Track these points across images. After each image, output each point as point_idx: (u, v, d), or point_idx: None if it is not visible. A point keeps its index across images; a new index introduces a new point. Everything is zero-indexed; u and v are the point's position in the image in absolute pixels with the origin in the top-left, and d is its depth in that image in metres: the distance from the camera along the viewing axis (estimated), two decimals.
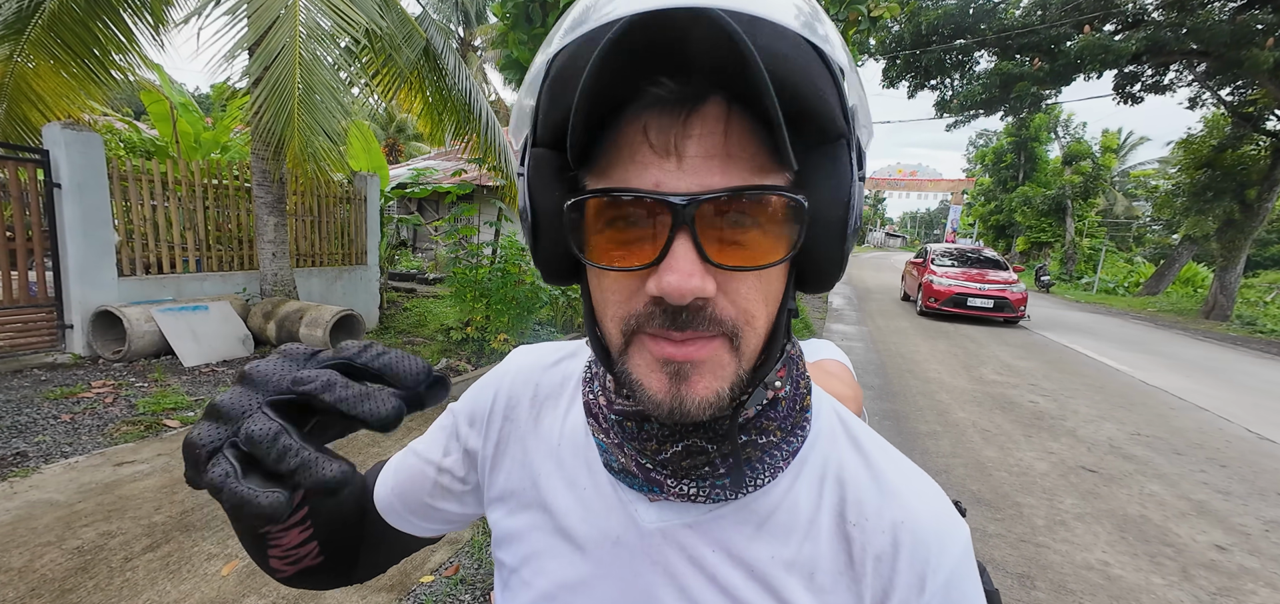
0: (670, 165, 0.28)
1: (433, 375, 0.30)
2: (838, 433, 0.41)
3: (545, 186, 0.32)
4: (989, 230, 31.06)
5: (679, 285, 0.28)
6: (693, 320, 0.30)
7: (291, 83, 3.96)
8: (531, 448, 0.45)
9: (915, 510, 0.37)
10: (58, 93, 4.55)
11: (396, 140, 21.24)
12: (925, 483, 0.39)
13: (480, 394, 0.48)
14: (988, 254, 11.61)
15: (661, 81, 0.27)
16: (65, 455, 2.60)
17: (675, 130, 0.28)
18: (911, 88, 14.58)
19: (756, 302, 0.31)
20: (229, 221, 5.21)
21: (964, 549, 0.37)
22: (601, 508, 0.41)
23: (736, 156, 0.28)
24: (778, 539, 0.38)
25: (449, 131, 5.90)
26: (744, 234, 0.29)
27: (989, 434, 4.11)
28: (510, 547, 0.44)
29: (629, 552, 0.39)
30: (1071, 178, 23.09)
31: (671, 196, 0.28)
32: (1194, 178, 12.92)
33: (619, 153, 0.29)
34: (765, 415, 0.37)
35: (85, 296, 4.14)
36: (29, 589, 1.69)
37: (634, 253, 0.30)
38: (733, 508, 0.38)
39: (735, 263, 0.29)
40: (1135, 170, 27.70)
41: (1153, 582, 2.38)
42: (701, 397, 0.31)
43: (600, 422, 0.39)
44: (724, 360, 0.31)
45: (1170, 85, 12.65)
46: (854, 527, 0.37)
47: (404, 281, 9.36)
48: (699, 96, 0.28)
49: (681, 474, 0.36)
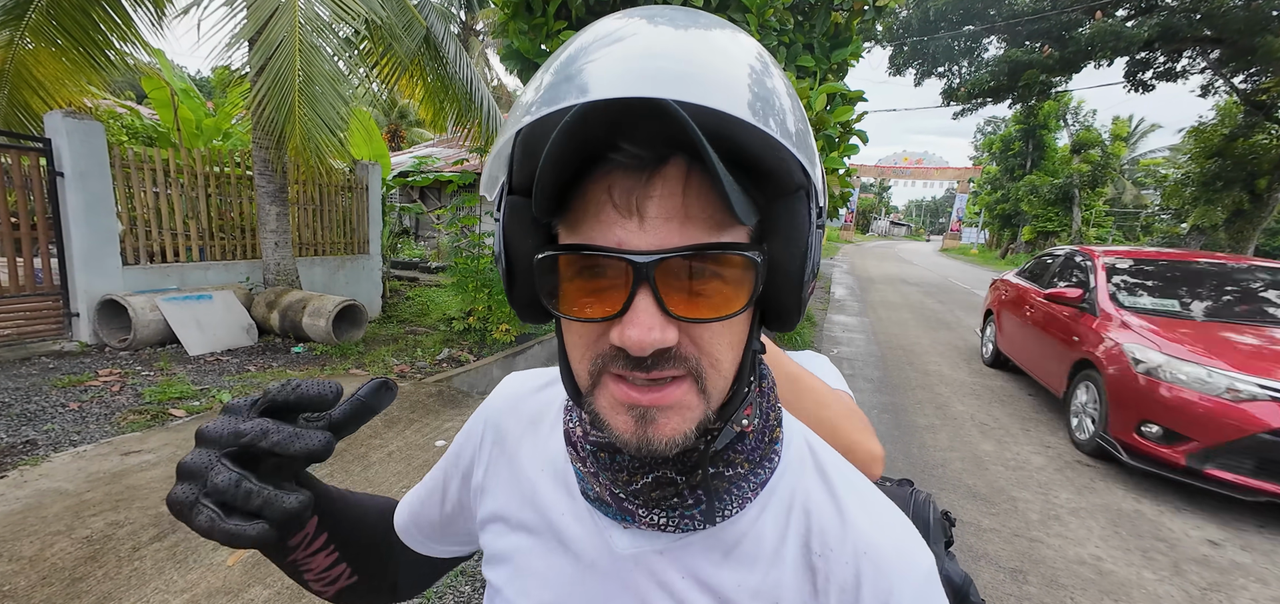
0: (632, 225, 0.30)
1: (377, 383, 0.37)
2: (806, 463, 0.43)
3: (520, 233, 0.34)
4: (994, 219, 30.80)
5: (639, 339, 0.29)
6: (657, 364, 0.31)
7: (292, 75, 3.95)
8: (517, 472, 0.47)
9: (877, 541, 0.38)
10: (58, 79, 4.55)
11: (399, 126, 21.14)
12: (889, 513, 0.41)
13: (474, 424, 0.52)
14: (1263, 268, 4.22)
15: (623, 147, 0.29)
16: (73, 444, 2.65)
17: (637, 191, 0.30)
18: (918, 75, 14.38)
19: (720, 344, 0.33)
20: (232, 210, 5.22)
21: (926, 577, 0.38)
22: (580, 532, 0.43)
23: (695, 216, 0.30)
24: (744, 567, 0.39)
25: (451, 119, 5.87)
26: (704, 285, 0.31)
27: (987, 428, 4.13)
28: (497, 567, 0.47)
29: (603, 576, 0.41)
30: (1080, 166, 22.81)
31: (633, 255, 0.29)
32: (1204, 167, 12.76)
33: (586, 209, 0.31)
34: (733, 448, 0.38)
35: (90, 285, 4.18)
36: (40, 578, 1.74)
37: (600, 302, 0.32)
38: (701, 536, 0.40)
39: (695, 315, 0.31)
40: (1145, 159, 27.33)
41: (1144, 576, 2.40)
42: (668, 437, 0.32)
43: (578, 450, 0.41)
44: (691, 402, 0.33)
45: (1182, 72, 12.44)
46: (818, 557, 0.39)
47: (407, 270, 9.38)
48: (660, 158, 0.29)
49: (652, 504, 0.38)
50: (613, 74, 0.27)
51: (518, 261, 0.35)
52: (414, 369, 4.34)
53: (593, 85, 0.27)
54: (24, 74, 4.42)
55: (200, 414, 3.14)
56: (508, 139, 0.33)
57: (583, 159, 0.29)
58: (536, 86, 0.31)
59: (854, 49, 5.33)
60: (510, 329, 5.01)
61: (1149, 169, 26.11)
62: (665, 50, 0.29)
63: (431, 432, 3.19)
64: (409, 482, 2.58)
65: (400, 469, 2.69)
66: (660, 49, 0.29)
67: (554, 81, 0.30)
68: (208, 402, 3.32)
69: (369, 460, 2.74)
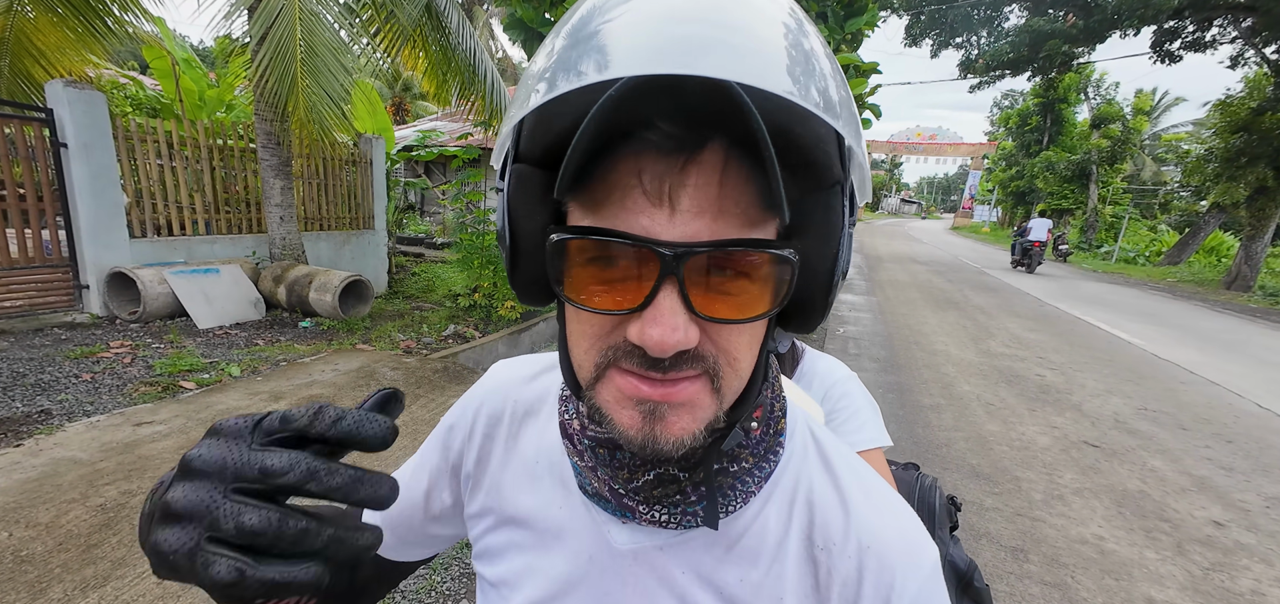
0: (662, 214, 0.27)
1: (385, 395, 0.29)
2: (810, 452, 0.41)
3: (527, 207, 0.31)
4: (1008, 197, 30.21)
5: (662, 339, 0.27)
6: (675, 364, 0.29)
7: (293, 45, 3.88)
8: (510, 464, 0.45)
9: (880, 534, 0.37)
10: (59, 47, 4.51)
11: (402, 99, 20.90)
12: (894, 505, 0.39)
13: (462, 413, 0.49)
14: None
15: (660, 126, 0.26)
16: (87, 414, 2.70)
17: (671, 178, 0.27)
18: (935, 46, 13.93)
19: (740, 345, 0.31)
20: (236, 184, 5.21)
21: (930, 572, 0.37)
22: (577, 527, 0.41)
23: (729, 210, 0.28)
24: (746, 562, 0.38)
25: (454, 92, 5.78)
26: (731, 284, 0.29)
27: (993, 408, 4.11)
28: (490, 561, 0.45)
29: (602, 571, 0.40)
30: (1098, 142, 22.20)
31: (661, 246, 0.27)
32: (1228, 141, 12.35)
33: (610, 191, 0.28)
34: (738, 443, 0.36)
35: (98, 257, 4.21)
36: (56, 544, 1.79)
37: (617, 294, 0.29)
38: (703, 531, 0.38)
39: (721, 315, 0.29)
40: (1167, 134, 26.52)
41: (1146, 556, 2.40)
42: (676, 436, 0.30)
43: (575, 443, 0.39)
44: (703, 401, 0.31)
45: (1212, 42, 11.97)
46: (821, 551, 0.37)
47: (412, 246, 9.38)
48: (698, 143, 0.26)
49: (653, 501, 0.37)
50: (657, 44, 0.25)
51: (523, 239, 0.31)
52: (420, 345, 4.37)
53: (634, 56, 0.25)
54: (25, 42, 4.38)
55: (210, 387, 3.18)
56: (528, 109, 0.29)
57: (614, 133, 0.26)
58: (549, 52, 0.28)
59: (869, 18, 5.16)
60: (515, 306, 5.02)
61: (1170, 144, 25.37)
62: (707, 12, 0.26)
63: (438, 407, 3.22)
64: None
65: (407, 444, 2.73)
66: (701, 11, 0.26)
67: (576, 46, 0.27)
68: (217, 375, 3.36)
69: None
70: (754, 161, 0.27)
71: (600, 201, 0.28)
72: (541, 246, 0.30)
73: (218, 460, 0.26)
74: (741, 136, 0.25)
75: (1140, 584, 2.22)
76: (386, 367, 3.68)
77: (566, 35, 0.28)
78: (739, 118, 0.24)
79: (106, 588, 1.64)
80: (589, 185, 0.28)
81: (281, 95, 3.97)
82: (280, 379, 3.35)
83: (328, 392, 3.19)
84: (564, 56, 0.27)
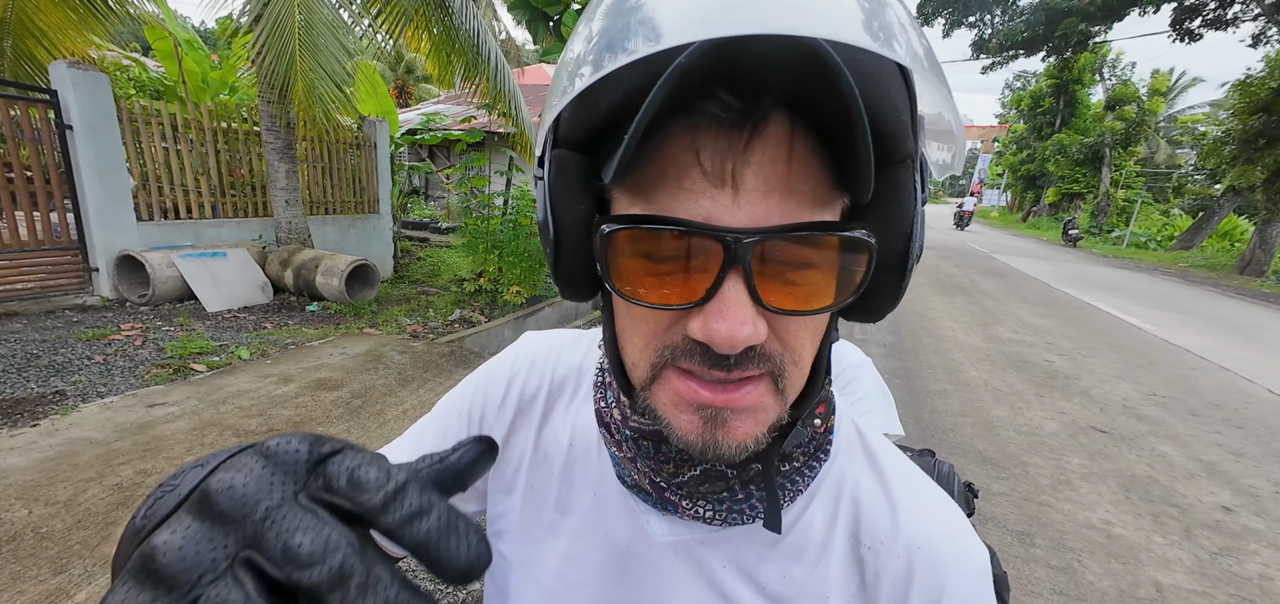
0: (724, 196, 0.25)
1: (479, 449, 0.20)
2: (855, 449, 0.40)
3: (568, 195, 0.28)
4: (1018, 180, 29.78)
5: (730, 334, 0.25)
6: (740, 362, 0.27)
7: (291, 21, 3.84)
8: (542, 444, 0.44)
9: (931, 535, 0.36)
10: (61, 27, 4.48)
11: (405, 81, 20.74)
12: (943, 505, 0.38)
13: (491, 383, 0.46)
14: None
15: (721, 97, 0.23)
16: (100, 395, 2.73)
17: (733, 155, 0.24)
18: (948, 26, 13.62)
19: (805, 339, 0.29)
20: (241, 167, 5.20)
21: (980, 574, 0.36)
22: (611, 515, 0.40)
23: (798, 188, 0.25)
24: (790, 559, 0.37)
25: (458, 73, 5.71)
26: (801, 274, 0.26)
27: (1000, 393, 4.09)
28: (515, 541, 0.44)
29: (638, 562, 0.39)
30: (1113, 124, 21.78)
31: (726, 232, 0.25)
32: (1247, 123, 12.07)
33: (663, 173, 0.26)
34: (798, 443, 0.35)
35: (107, 240, 4.23)
36: (75, 521, 1.82)
37: (674, 287, 0.27)
38: (746, 526, 0.37)
39: (790, 306, 0.26)
40: (1183, 116, 25.95)
41: (1154, 541, 2.40)
42: (738, 441, 0.28)
43: (613, 433, 0.38)
44: (766, 404, 0.29)
45: (1233, 20, 11.63)
46: (867, 550, 0.36)
47: (417, 231, 9.37)
48: (762, 115, 0.24)
49: (698, 497, 0.35)
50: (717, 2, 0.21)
51: (566, 231, 0.29)
52: (427, 329, 4.39)
53: (692, 20, 0.21)
54: (27, 22, 4.36)
55: (221, 369, 3.21)
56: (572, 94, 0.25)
57: (669, 111, 0.23)
58: (587, 36, 0.25)
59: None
60: (521, 291, 5.02)
61: (1186, 126, 24.84)
62: None
63: (444, 391, 3.24)
64: None
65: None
66: None
67: (619, 19, 0.24)
68: (227, 357, 3.39)
69: (385, 418, 2.80)
70: (819, 134, 0.24)
71: (651, 185, 0.26)
72: (586, 238, 0.28)
73: (241, 505, 0.17)
74: (814, 104, 0.23)
75: (1147, 568, 2.22)
76: (394, 351, 3.70)
77: (605, 12, 0.25)
78: (822, 80, 0.21)
79: None
80: (637, 169, 0.26)
81: (280, 74, 3.93)
82: (289, 362, 3.37)
83: (336, 375, 3.22)
84: (607, 34, 0.24)
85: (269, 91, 4.37)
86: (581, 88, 0.24)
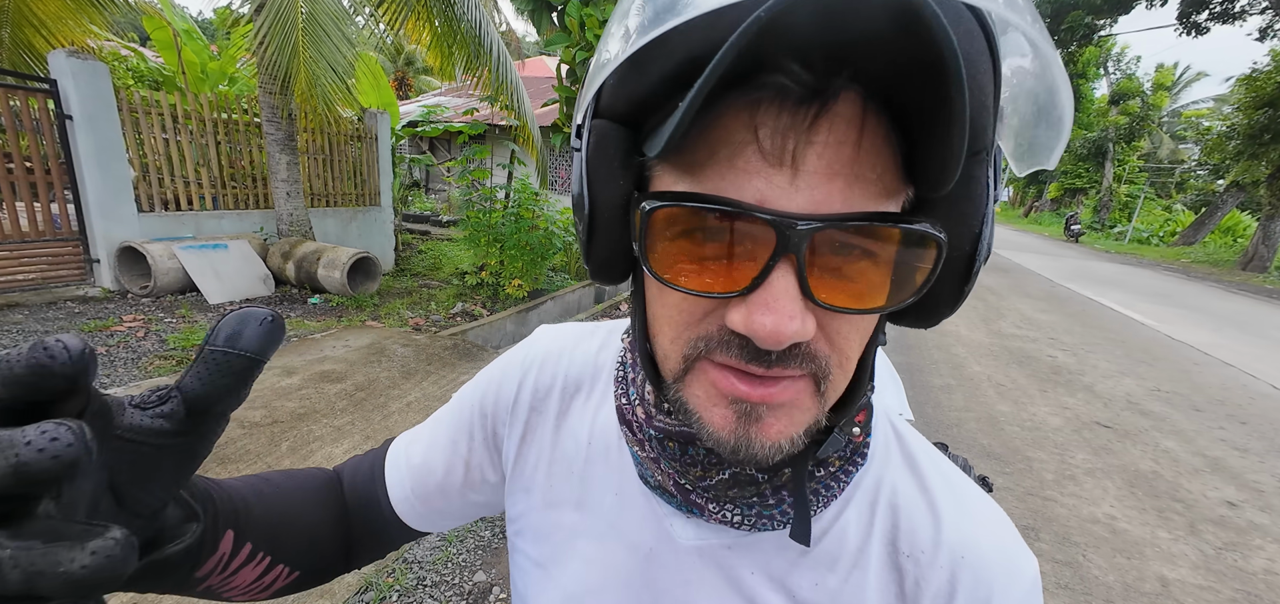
0: (782, 177, 0.23)
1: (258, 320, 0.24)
2: (892, 450, 0.38)
3: (608, 170, 0.27)
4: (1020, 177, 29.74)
5: (776, 330, 0.23)
6: (782, 360, 0.25)
7: (294, 12, 3.80)
8: (560, 442, 0.43)
9: (977, 543, 0.34)
10: (59, 17, 4.45)
11: (406, 74, 20.63)
12: (988, 510, 0.36)
13: (504, 379, 0.45)
14: None
15: (790, 68, 0.21)
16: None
17: (796, 133, 0.22)
18: None
19: (853, 340, 0.27)
20: (242, 159, 5.17)
21: (1030, 587, 0.34)
22: (634, 517, 0.39)
23: (865, 175, 0.23)
24: (823, 567, 0.35)
25: (459, 66, 5.67)
26: (857, 268, 0.24)
27: (1004, 389, 4.09)
28: (535, 541, 0.43)
29: (661, 566, 0.38)
30: (1116, 119, 21.69)
31: (781, 217, 0.22)
32: (1253, 117, 12.01)
33: (715, 150, 0.23)
34: (835, 450, 0.33)
35: (108, 232, 4.21)
36: None
37: (717, 274, 0.25)
38: (775, 532, 0.35)
39: (844, 304, 0.24)
40: (1187, 111, 25.83)
41: (1158, 536, 2.40)
42: (773, 441, 0.27)
43: (635, 432, 0.36)
44: (805, 403, 0.27)
45: (1241, 13, 11.53)
46: (907, 558, 0.34)
47: (419, 224, 9.35)
48: (833, 91, 0.21)
49: (726, 500, 0.33)
50: None
51: (603, 208, 0.27)
52: (429, 322, 4.38)
53: None
54: (25, 11, 4.32)
55: None
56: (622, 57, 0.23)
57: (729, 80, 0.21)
58: (628, 7, 0.23)
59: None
60: (523, 284, 5.01)
61: (1190, 121, 24.75)
62: None
63: (447, 384, 3.23)
64: None
65: (418, 418, 2.74)
66: None
67: None
68: None
69: (388, 410, 2.80)
70: (894, 116, 0.22)
71: (701, 163, 0.24)
72: (624, 216, 0.27)
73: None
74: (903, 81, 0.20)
75: (1152, 563, 2.22)
76: (397, 343, 3.69)
77: None
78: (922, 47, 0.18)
79: None
80: (686, 145, 0.24)
81: (282, 65, 3.90)
82: (292, 354, 3.36)
83: (340, 367, 3.21)
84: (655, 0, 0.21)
85: (271, 83, 4.34)
86: (631, 52, 0.22)
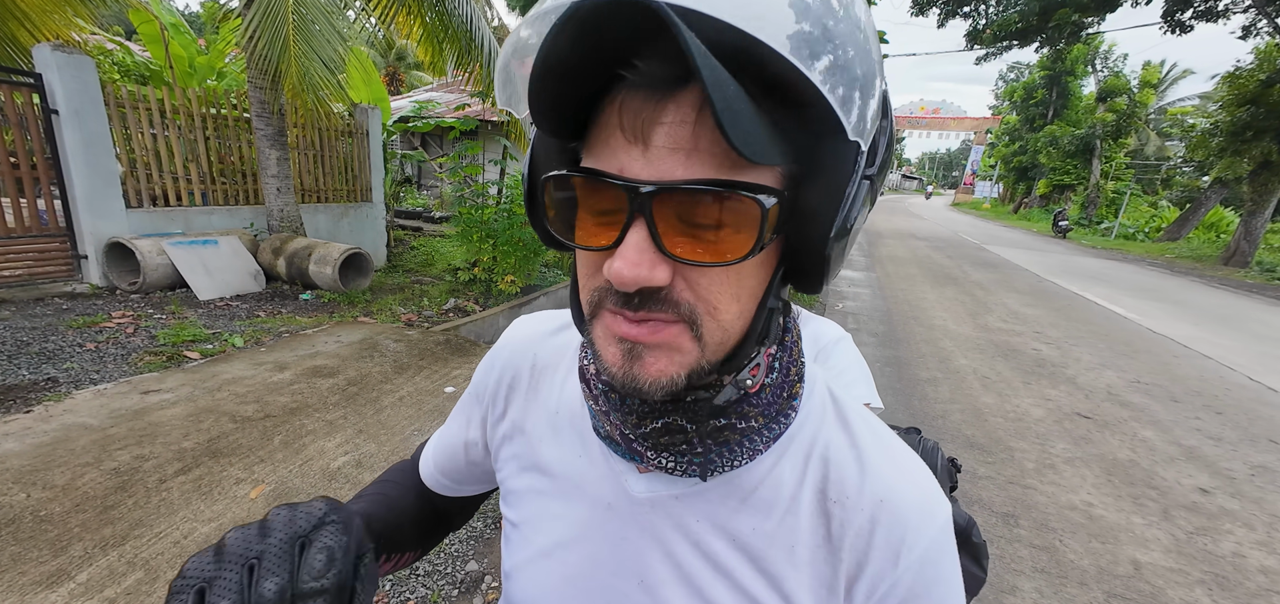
0: (636, 152, 0.28)
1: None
2: (828, 412, 0.42)
3: (546, 156, 0.34)
4: (1010, 172, 29.97)
5: (623, 273, 0.28)
6: (645, 303, 0.30)
7: (284, 6, 3.78)
8: (531, 414, 0.48)
9: (897, 488, 0.38)
10: (43, 10, 4.38)
11: (397, 69, 20.44)
12: (909, 460, 0.40)
13: (489, 368, 0.52)
14: None
15: (634, 65, 0.26)
16: (93, 382, 2.72)
17: (646, 115, 0.28)
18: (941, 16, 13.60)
19: (722, 293, 0.31)
20: (231, 154, 5.13)
21: (942, 527, 0.38)
22: (594, 475, 0.43)
23: (704, 149, 0.27)
24: (760, 513, 0.39)
25: (450, 61, 5.65)
26: (708, 227, 0.29)
27: (988, 381, 4.17)
28: (514, 505, 0.48)
29: (619, 517, 0.42)
30: (1104, 116, 21.94)
31: (630, 184, 0.28)
32: (1235, 115, 12.21)
33: (597, 133, 0.30)
34: (747, 402, 0.36)
35: (96, 227, 4.18)
36: (73, 505, 1.83)
37: (600, 233, 0.30)
38: (718, 482, 0.39)
39: (692, 256, 0.29)
40: (1173, 108, 26.19)
41: (1133, 521, 2.48)
42: (653, 377, 0.31)
43: (591, 387, 0.40)
44: (683, 345, 0.31)
45: (1224, 12, 11.70)
46: (835, 504, 0.38)
47: (410, 220, 9.31)
48: (677, 80, 0.27)
49: (660, 448, 0.37)
50: None
51: (537, 187, 0.34)
52: (421, 318, 4.38)
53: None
54: (8, 4, 4.25)
55: (214, 357, 3.20)
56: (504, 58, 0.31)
57: (599, 77, 0.27)
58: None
59: None
60: (515, 280, 5.02)
61: (1176, 118, 25.10)
62: None
63: (440, 378, 3.25)
64: (419, 424, 2.65)
65: (411, 413, 2.77)
66: None
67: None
68: (221, 345, 3.38)
69: (381, 405, 2.81)
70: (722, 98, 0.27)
71: (593, 144, 0.30)
72: (545, 191, 0.33)
73: (246, 549, 0.33)
74: (674, 66, 0.25)
75: (1126, 547, 2.29)
76: (390, 339, 3.70)
77: None
78: (668, 41, 0.23)
79: (125, 546, 1.69)
80: (589, 132, 0.30)
81: (272, 59, 3.87)
82: (284, 350, 3.37)
83: (332, 362, 3.22)
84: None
85: (260, 77, 4.31)
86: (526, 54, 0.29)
